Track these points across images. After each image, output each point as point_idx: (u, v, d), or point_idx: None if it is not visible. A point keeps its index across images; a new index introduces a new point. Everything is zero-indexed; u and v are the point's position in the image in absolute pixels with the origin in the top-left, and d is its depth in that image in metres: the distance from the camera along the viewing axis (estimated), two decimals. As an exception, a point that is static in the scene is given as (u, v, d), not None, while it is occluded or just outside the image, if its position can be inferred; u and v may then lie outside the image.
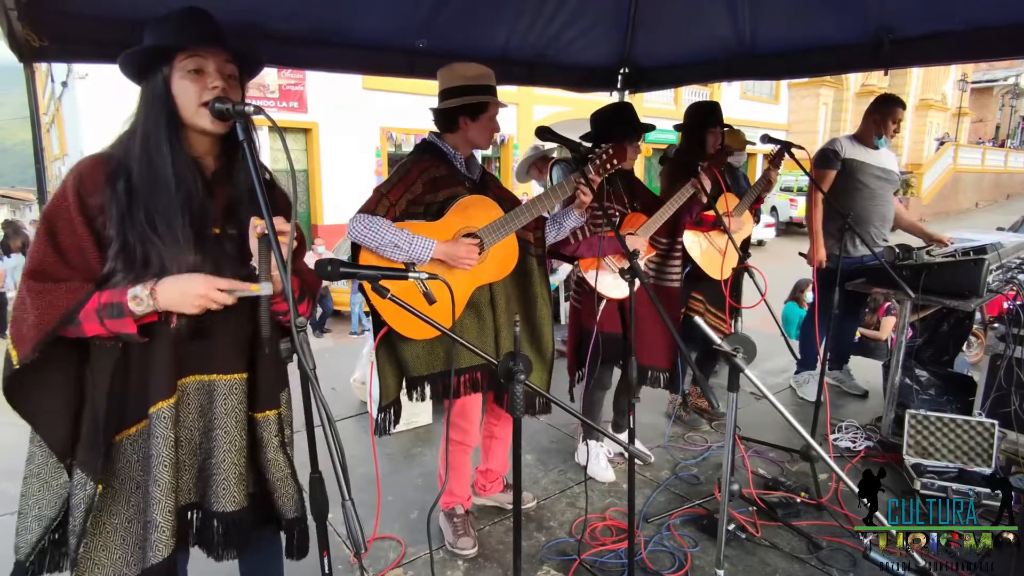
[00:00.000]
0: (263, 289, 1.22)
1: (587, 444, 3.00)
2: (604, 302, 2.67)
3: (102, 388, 1.28)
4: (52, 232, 1.23)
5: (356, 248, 2.03)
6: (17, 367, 1.21)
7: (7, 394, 1.25)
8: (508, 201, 2.26)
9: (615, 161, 2.10)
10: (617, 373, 3.00)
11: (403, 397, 2.27)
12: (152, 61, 1.29)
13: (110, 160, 1.29)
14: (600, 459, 2.98)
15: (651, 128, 2.75)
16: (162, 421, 1.31)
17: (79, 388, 1.31)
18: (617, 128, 2.66)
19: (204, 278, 1.26)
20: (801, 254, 3.85)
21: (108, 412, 1.29)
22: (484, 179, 2.30)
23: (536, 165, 4.39)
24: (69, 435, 1.30)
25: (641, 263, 2.65)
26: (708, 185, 2.73)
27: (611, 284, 2.65)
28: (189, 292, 1.24)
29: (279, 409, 1.50)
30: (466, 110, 2.11)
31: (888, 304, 5.08)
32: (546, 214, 2.27)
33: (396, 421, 2.29)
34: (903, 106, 3.63)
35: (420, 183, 2.08)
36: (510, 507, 2.60)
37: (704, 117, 3.21)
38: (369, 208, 2.00)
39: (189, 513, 1.44)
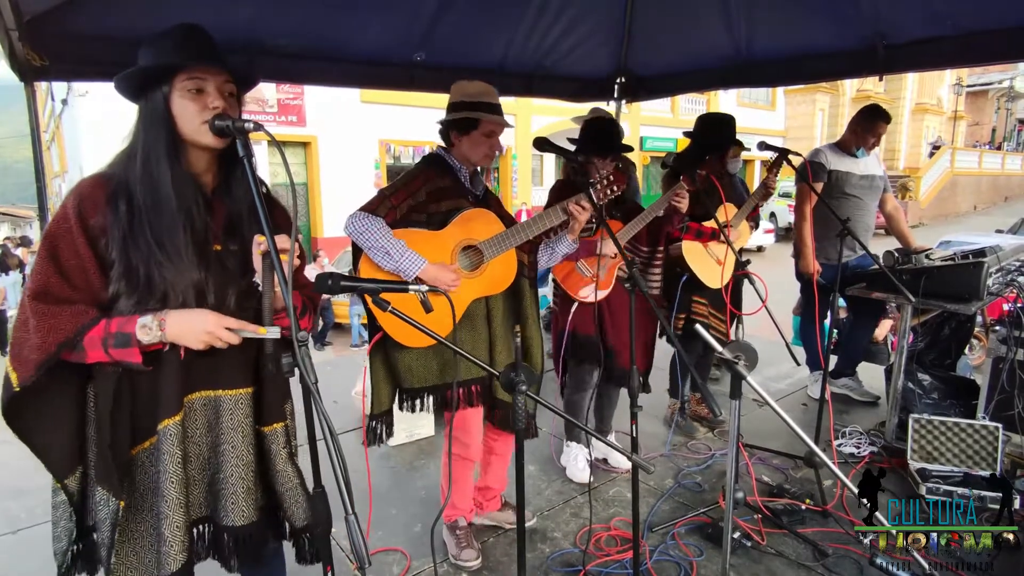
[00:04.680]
0: (269, 333, 1.24)
1: (569, 446, 3.07)
2: (576, 304, 2.74)
3: (105, 411, 1.29)
4: (54, 253, 1.23)
5: (357, 249, 2.05)
6: (17, 390, 1.20)
7: (6, 416, 1.25)
8: (507, 219, 2.27)
9: (615, 188, 2.12)
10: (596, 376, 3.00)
11: (395, 408, 2.27)
12: (151, 79, 1.30)
13: (110, 180, 1.29)
14: (579, 460, 3.01)
15: (628, 149, 2.81)
16: (168, 438, 1.33)
17: (82, 409, 1.32)
18: (598, 145, 2.70)
19: (214, 316, 1.27)
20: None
21: (114, 433, 1.29)
22: (486, 197, 2.30)
23: None
24: (68, 456, 1.31)
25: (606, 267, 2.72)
26: (685, 199, 2.74)
27: (586, 289, 2.73)
28: (197, 328, 1.25)
29: (285, 421, 1.52)
30: (456, 125, 2.12)
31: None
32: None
33: (389, 432, 2.27)
34: (886, 120, 3.60)
35: (424, 192, 2.10)
36: (508, 526, 2.57)
37: (722, 138, 3.19)
38: (371, 208, 2.02)
39: (200, 527, 1.46)
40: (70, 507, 1.34)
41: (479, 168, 2.24)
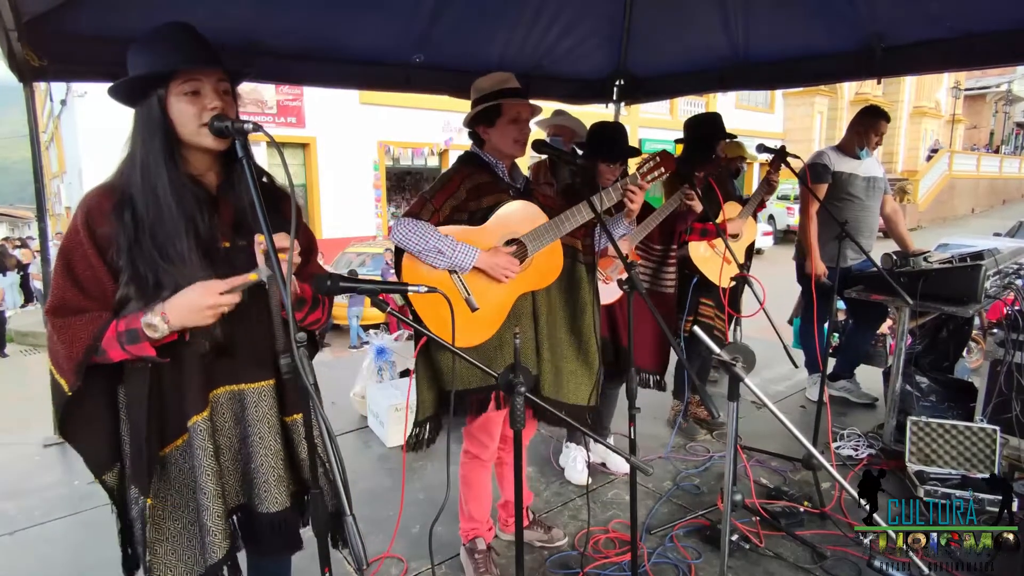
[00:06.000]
0: (260, 274, 1.25)
1: (568, 447, 3.08)
2: None
3: (142, 410, 1.33)
4: (69, 266, 1.28)
5: (399, 253, 2.01)
6: (70, 394, 1.28)
7: (61, 420, 1.32)
8: (554, 210, 2.14)
9: (663, 169, 2.07)
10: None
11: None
12: (146, 85, 1.29)
13: (114, 190, 1.32)
14: (577, 462, 3.00)
15: (636, 152, 2.77)
16: (199, 433, 1.36)
17: (115, 412, 1.37)
18: (606, 148, 2.68)
19: (203, 288, 1.26)
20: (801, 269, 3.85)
21: (149, 432, 1.33)
22: (528, 188, 2.20)
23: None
24: (103, 454, 1.38)
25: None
26: (696, 199, 2.74)
27: (602, 289, 2.67)
28: (196, 307, 1.25)
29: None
30: (481, 119, 2.07)
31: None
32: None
33: (433, 439, 2.17)
34: (887, 119, 3.61)
35: (464, 190, 2.03)
36: (539, 544, 2.50)
37: (712, 130, 3.21)
38: (414, 212, 1.97)
39: (237, 515, 1.50)
40: (110, 501, 1.41)
41: (515, 162, 2.16)
